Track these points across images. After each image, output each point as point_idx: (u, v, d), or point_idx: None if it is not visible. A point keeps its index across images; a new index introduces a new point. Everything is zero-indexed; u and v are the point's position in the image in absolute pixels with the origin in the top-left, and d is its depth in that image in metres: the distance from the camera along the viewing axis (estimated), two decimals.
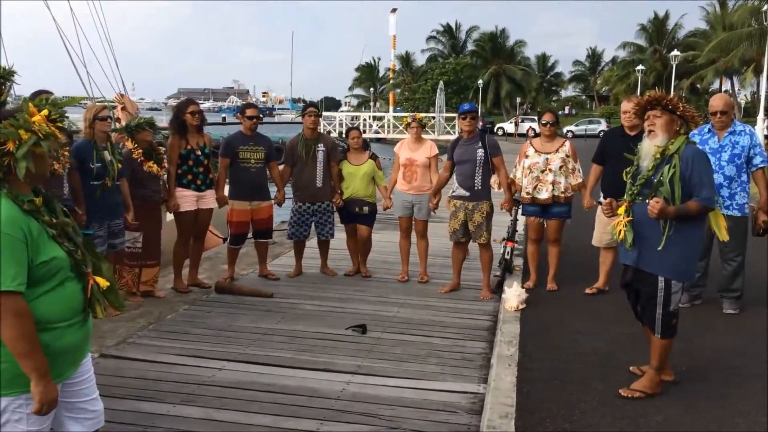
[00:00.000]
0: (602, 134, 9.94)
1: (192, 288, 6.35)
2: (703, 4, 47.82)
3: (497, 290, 6.26)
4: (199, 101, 10.77)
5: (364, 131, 37.82)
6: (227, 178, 6.66)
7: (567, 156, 6.30)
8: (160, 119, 15.89)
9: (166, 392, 3.97)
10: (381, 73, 77.83)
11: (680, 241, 3.78)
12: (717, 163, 5.42)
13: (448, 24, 66.02)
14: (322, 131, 7.32)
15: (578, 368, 4.38)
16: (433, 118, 41.56)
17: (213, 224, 7.15)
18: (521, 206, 6.55)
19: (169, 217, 6.44)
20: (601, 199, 5.84)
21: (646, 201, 3.78)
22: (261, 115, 7.69)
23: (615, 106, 52.66)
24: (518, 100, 60.11)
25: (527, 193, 6.35)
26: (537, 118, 7.34)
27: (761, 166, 5.49)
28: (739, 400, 3.89)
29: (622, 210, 3.95)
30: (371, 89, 78.24)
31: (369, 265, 7.17)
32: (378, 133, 44.66)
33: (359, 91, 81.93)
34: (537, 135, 6.91)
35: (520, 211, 6.67)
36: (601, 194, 6.01)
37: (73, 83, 9.88)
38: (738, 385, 4.11)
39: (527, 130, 44.05)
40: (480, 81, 55.67)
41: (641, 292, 3.98)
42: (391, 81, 66.11)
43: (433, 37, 65.45)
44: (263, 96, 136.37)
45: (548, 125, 6.37)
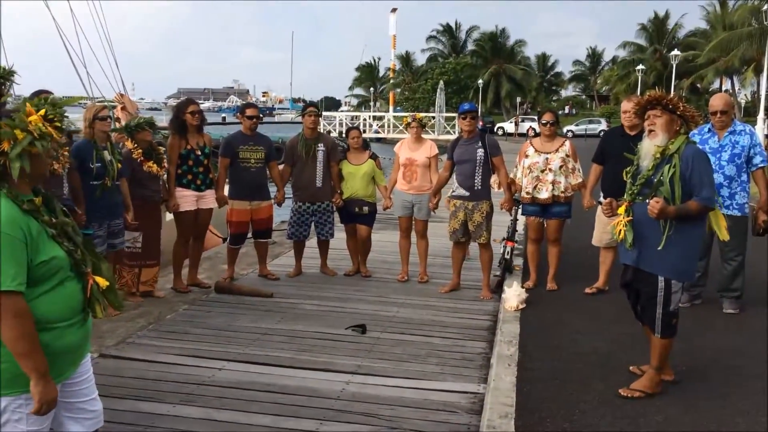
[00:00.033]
0: (602, 134, 9.96)
1: (192, 288, 6.35)
2: (703, 3, 47.85)
3: (497, 290, 6.25)
4: (199, 101, 10.76)
5: (364, 131, 37.81)
6: (227, 177, 6.66)
7: (567, 156, 6.30)
8: (160, 119, 15.89)
9: (166, 392, 3.97)
10: (381, 73, 77.87)
11: (680, 240, 3.78)
12: (717, 162, 5.42)
13: (448, 24, 66.15)
14: (322, 131, 7.31)
15: (578, 368, 4.38)
16: (433, 117, 41.56)
17: (213, 224, 7.15)
18: (521, 206, 6.55)
19: (168, 216, 6.44)
20: (601, 198, 5.84)
21: (646, 201, 3.78)
22: (261, 115, 7.70)
23: (615, 105, 52.65)
24: (518, 99, 60.09)
25: (527, 193, 6.35)
26: (537, 118, 7.33)
27: (761, 165, 5.49)
28: (739, 400, 3.89)
29: (622, 210, 3.95)
30: (371, 89, 78.25)
31: (369, 265, 7.17)
32: (378, 132, 44.64)
33: (359, 90, 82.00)
34: (537, 135, 6.90)
35: (520, 211, 6.67)
36: (601, 194, 6.01)
37: (73, 83, 9.88)
38: (738, 385, 4.11)
39: (527, 130, 44.07)
40: (480, 81, 55.67)
41: (641, 292, 3.98)
42: (391, 81, 66.12)
43: (433, 36, 65.56)
44: (263, 96, 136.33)
45: (548, 125, 6.37)
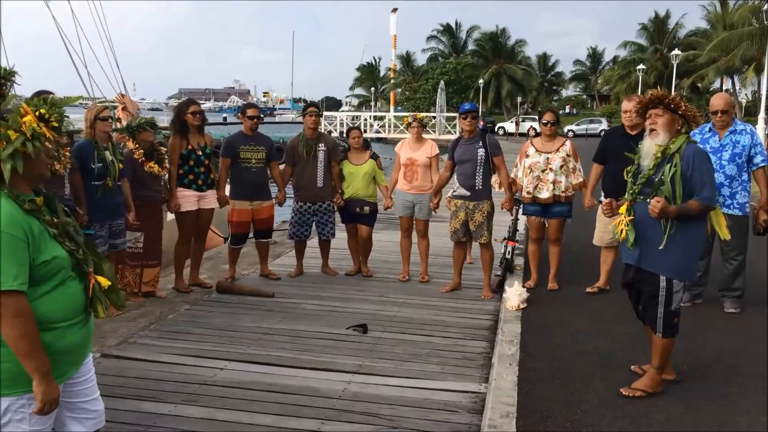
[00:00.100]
0: (603, 133, 9.95)
1: (193, 288, 6.35)
2: (703, 3, 47.72)
3: (498, 290, 6.26)
4: (200, 101, 10.80)
5: (365, 131, 37.81)
6: (228, 178, 6.67)
7: (568, 155, 6.30)
8: (161, 119, 15.92)
9: (168, 392, 3.98)
10: (382, 73, 77.93)
11: (682, 240, 3.78)
12: (718, 162, 5.42)
13: (449, 24, 66.10)
14: (322, 131, 7.32)
15: (579, 367, 4.38)
16: (434, 117, 41.53)
17: (214, 224, 7.16)
18: (522, 206, 6.55)
19: (170, 217, 6.45)
20: (602, 198, 5.84)
21: (647, 200, 3.78)
22: (262, 115, 7.70)
23: (616, 105, 52.60)
24: (519, 99, 60.12)
25: (528, 193, 6.35)
26: (538, 118, 7.33)
27: (762, 165, 5.48)
28: (740, 399, 3.88)
29: (623, 209, 3.95)
30: (372, 89, 78.26)
31: (370, 265, 7.18)
32: (379, 132, 44.61)
33: (360, 90, 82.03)
34: (538, 134, 6.90)
35: (520, 211, 6.67)
36: (602, 194, 6.01)
37: (73, 83, 9.88)
38: (739, 385, 4.10)
39: (528, 130, 44.02)
40: (481, 80, 55.65)
41: (643, 292, 3.98)
42: (392, 81, 66.13)
43: (434, 36, 65.51)
44: (264, 96, 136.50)
45: (549, 125, 6.37)
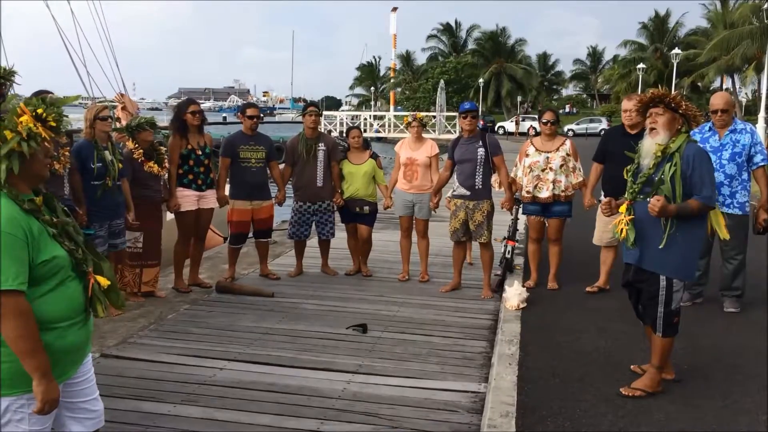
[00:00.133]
0: (603, 133, 9.95)
1: (193, 288, 6.35)
2: (704, 2, 47.47)
3: (498, 289, 6.25)
4: (199, 101, 10.79)
5: (365, 130, 37.83)
6: (228, 177, 6.67)
7: (567, 155, 6.29)
8: (161, 119, 15.91)
9: (167, 392, 3.98)
10: (382, 72, 77.91)
11: (682, 239, 3.78)
12: (718, 161, 5.41)
13: (448, 23, 66.08)
14: (322, 131, 7.32)
15: (579, 367, 4.38)
16: (434, 117, 41.54)
17: (214, 224, 7.16)
18: (522, 205, 6.55)
19: (169, 216, 6.45)
20: (601, 197, 5.84)
21: (647, 199, 3.78)
22: (261, 115, 7.71)
23: (616, 104, 52.53)
24: (519, 98, 60.08)
25: (528, 192, 6.34)
26: (538, 117, 7.33)
27: (762, 164, 5.48)
28: (740, 399, 3.89)
29: (623, 208, 3.95)
30: (372, 88, 78.26)
31: (370, 265, 7.18)
32: (379, 132, 44.61)
33: (360, 90, 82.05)
34: (538, 134, 6.90)
35: (520, 210, 6.67)
36: (602, 193, 6.01)
37: (73, 83, 9.88)
38: (739, 384, 4.10)
39: (528, 129, 44.03)
40: (481, 80, 55.66)
41: (643, 291, 3.97)
42: (392, 80, 66.16)
43: (434, 35, 65.50)
44: (264, 95, 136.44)
45: (549, 124, 6.36)
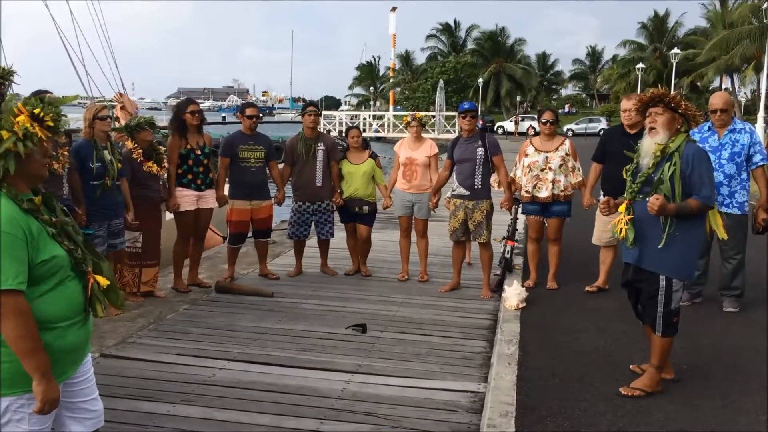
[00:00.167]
0: (602, 133, 9.95)
1: (192, 287, 6.35)
2: (703, 2, 47.55)
3: (497, 289, 6.25)
4: (198, 101, 10.78)
5: (364, 130, 37.81)
6: (227, 177, 6.66)
7: (567, 154, 6.30)
8: (160, 119, 15.92)
9: (167, 392, 3.97)
10: (381, 72, 77.85)
11: (681, 239, 3.78)
12: (717, 161, 5.41)
13: (448, 23, 66.08)
14: (321, 130, 7.32)
15: (578, 367, 4.38)
16: (433, 116, 41.53)
17: (213, 223, 7.15)
18: (521, 205, 6.55)
19: (168, 216, 6.45)
20: (601, 197, 5.83)
21: (647, 199, 3.78)
22: (261, 115, 7.70)
23: (615, 104, 52.56)
24: (518, 98, 60.06)
25: (527, 192, 6.35)
26: (537, 117, 7.33)
27: (761, 164, 5.48)
28: (739, 398, 3.89)
29: (622, 208, 3.95)
30: (371, 88, 78.23)
31: (369, 265, 7.18)
32: (378, 132, 44.62)
33: (359, 90, 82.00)
34: (537, 133, 6.90)
35: (520, 210, 6.67)
36: (602, 193, 6.01)
37: (72, 83, 9.90)
38: (738, 384, 4.10)
39: (527, 129, 44.07)
40: (480, 79, 55.67)
41: (642, 291, 3.97)
42: (391, 80, 66.09)
43: (433, 35, 65.51)
44: (263, 95, 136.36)
45: (548, 124, 6.37)
